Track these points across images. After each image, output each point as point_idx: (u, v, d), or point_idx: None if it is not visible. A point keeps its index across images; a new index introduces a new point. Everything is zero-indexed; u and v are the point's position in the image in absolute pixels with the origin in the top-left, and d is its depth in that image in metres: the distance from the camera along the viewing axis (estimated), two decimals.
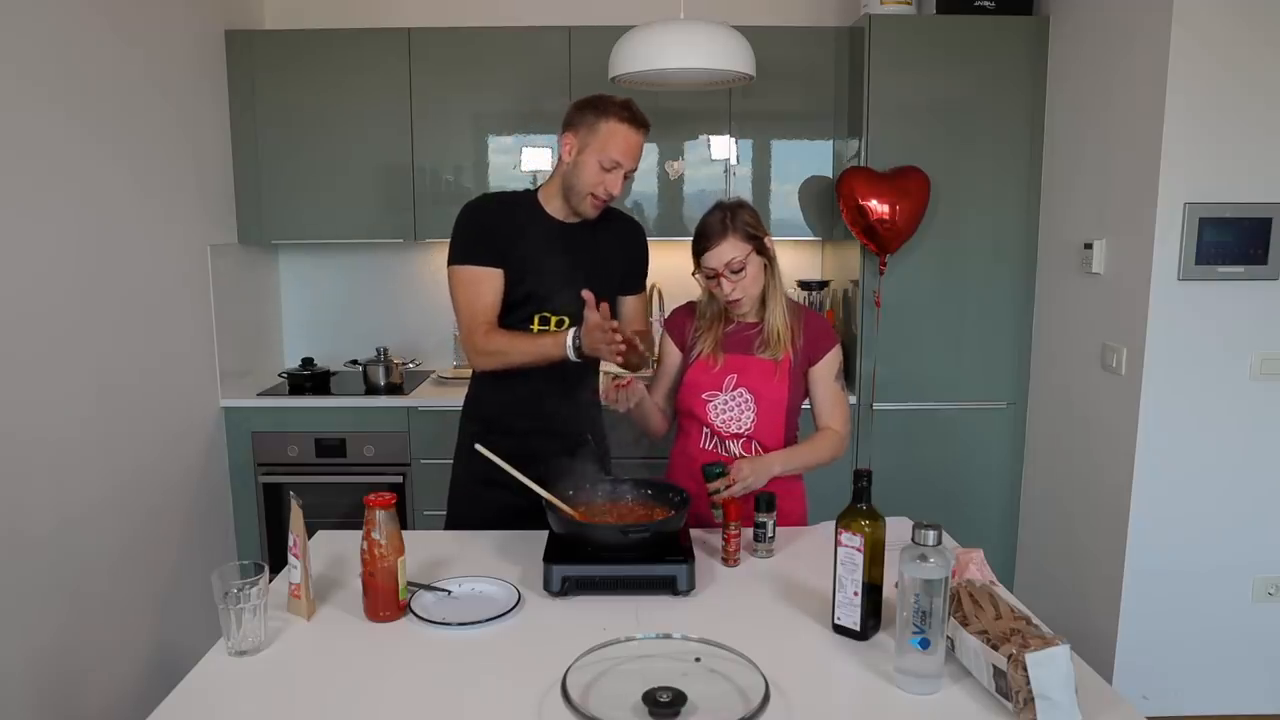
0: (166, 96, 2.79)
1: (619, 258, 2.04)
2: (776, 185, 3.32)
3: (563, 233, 1.97)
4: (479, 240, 1.94)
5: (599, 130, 1.85)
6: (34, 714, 2.13)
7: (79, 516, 2.31)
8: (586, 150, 1.87)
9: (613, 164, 1.86)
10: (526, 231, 1.95)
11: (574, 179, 1.90)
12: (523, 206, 1.99)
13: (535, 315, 1.95)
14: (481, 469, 1.93)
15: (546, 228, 1.96)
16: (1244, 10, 2.38)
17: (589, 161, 1.86)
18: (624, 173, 1.89)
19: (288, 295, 3.69)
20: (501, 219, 1.96)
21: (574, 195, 1.91)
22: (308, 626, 1.47)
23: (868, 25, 3.00)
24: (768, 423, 1.95)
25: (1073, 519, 2.92)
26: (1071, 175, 2.92)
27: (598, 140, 1.85)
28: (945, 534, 1.28)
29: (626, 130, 1.85)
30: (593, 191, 1.88)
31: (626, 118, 1.86)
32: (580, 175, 1.88)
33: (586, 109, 1.89)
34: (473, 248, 1.94)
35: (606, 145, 1.85)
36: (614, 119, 1.85)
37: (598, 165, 1.86)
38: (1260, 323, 2.53)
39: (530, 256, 1.93)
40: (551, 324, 1.96)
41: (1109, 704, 1.23)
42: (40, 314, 2.19)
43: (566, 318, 1.96)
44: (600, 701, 1.16)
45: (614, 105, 1.87)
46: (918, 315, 3.15)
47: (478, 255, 1.93)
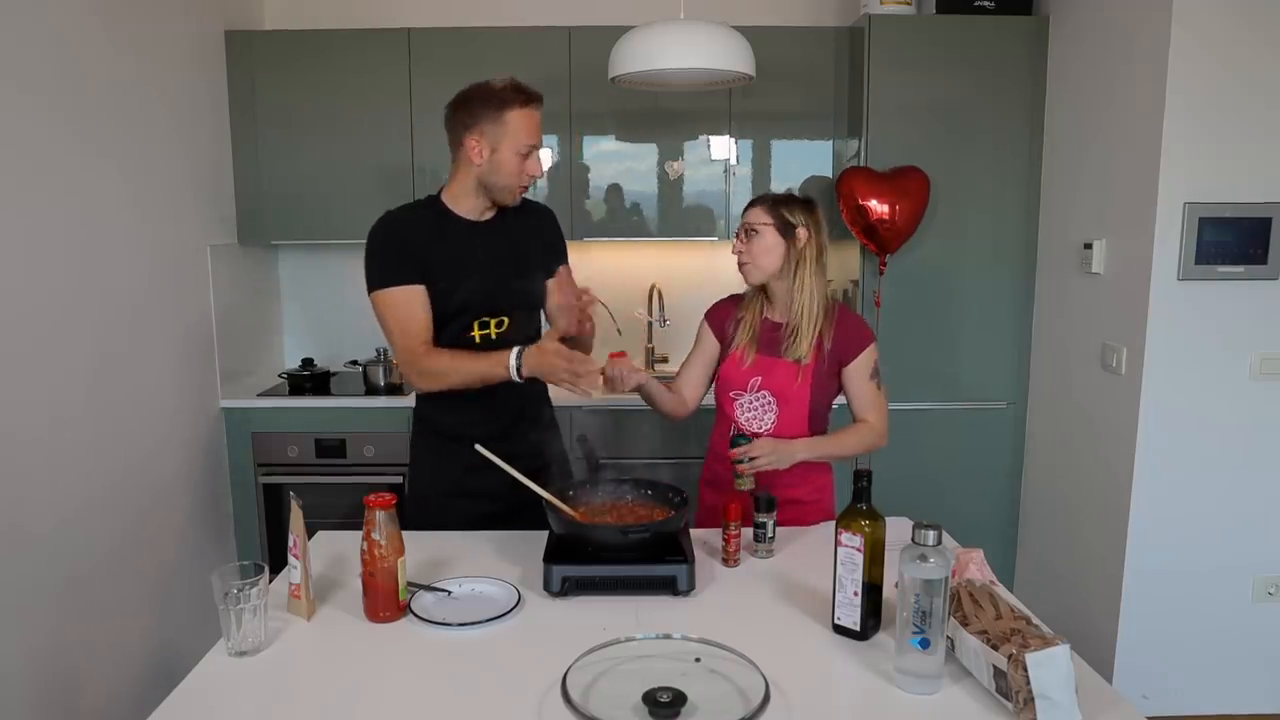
0: (166, 97, 2.79)
1: (537, 243, 2.01)
2: (776, 185, 3.31)
3: (478, 231, 1.93)
4: (396, 259, 1.87)
5: (506, 121, 1.82)
6: (34, 714, 2.13)
7: (78, 516, 2.31)
8: (500, 146, 1.83)
9: (528, 149, 1.84)
10: (441, 238, 1.90)
11: (494, 176, 1.86)
12: (431, 214, 1.93)
13: (474, 322, 1.91)
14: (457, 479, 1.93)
15: (461, 230, 1.92)
16: (1244, 10, 2.38)
17: (506, 155, 1.84)
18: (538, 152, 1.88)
19: (288, 295, 3.69)
20: (413, 231, 1.90)
21: (496, 190, 1.88)
22: (308, 627, 1.47)
23: (868, 25, 3.00)
24: (789, 423, 1.98)
25: (1073, 519, 2.92)
26: (1071, 175, 2.92)
27: (508, 132, 1.83)
28: (945, 534, 1.28)
29: (530, 112, 1.84)
30: (519, 182, 1.87)
31: (524, 100, 1.83)
32: (501, 171, 1.85)
33: (485, 104, 1.84)
34: (392, 268, 1.87)
35: (518, 134, 1.83)
36: (515, 106, 1.82)
37: (516, 156, 1.84)
38: (1260, 323, 2.53)
39: (452, 262, 1.89)
40: (491, 327, 1.92)
41: (1109, 704, 1.23)
42: (39, 314, 2.19)
43: (505, 318, 1.93)
44: (600, 701, 1.16)
45: (508, 93, 1.83)
46: (918, 315, 3.16)
47: (399, 275, 1.86)
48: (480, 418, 1.91)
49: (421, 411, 2.06)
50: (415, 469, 2.08)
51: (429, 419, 2.04)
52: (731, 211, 3.32)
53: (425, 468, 2.04)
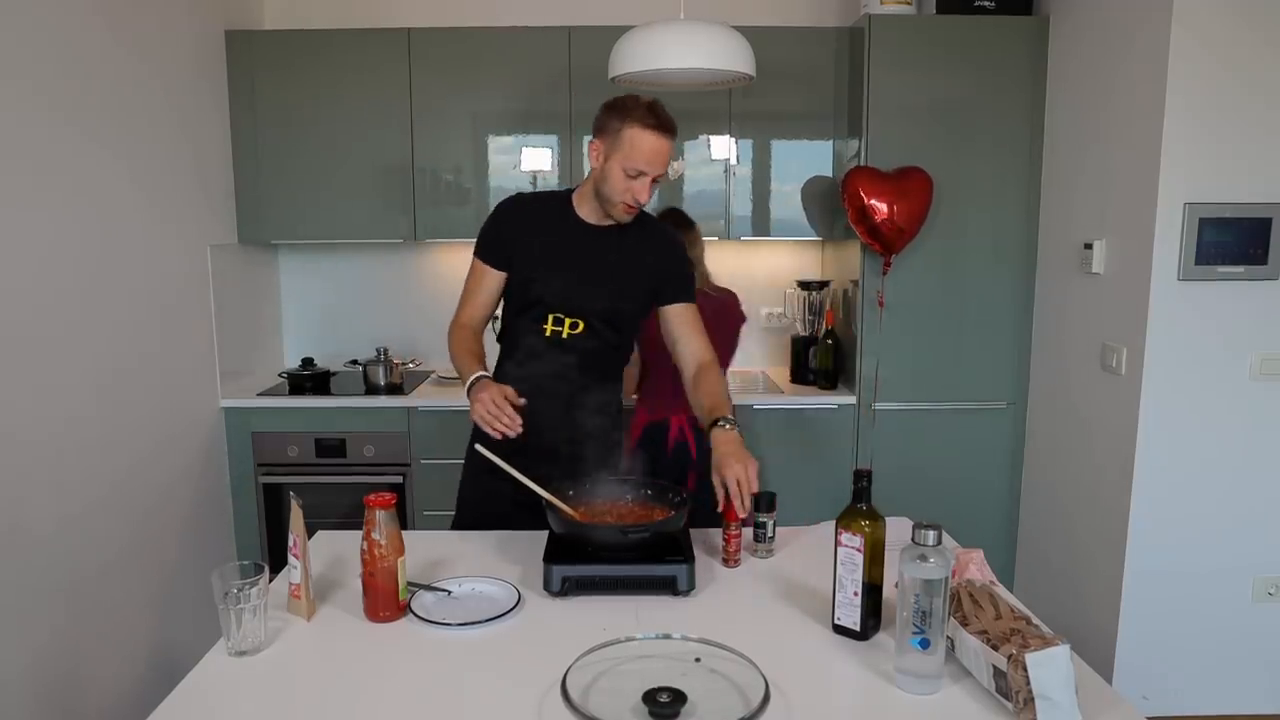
0: (166, 97, 2.79)
1: (646, 265, 1.97)
2: (777, 185, 3.32)
3: (588, 235, 1.94)
4: (491, 238, 1.96)
5: (622, 137, 1.80)
6: (34, 714, 2.13)
7: (79, 516, 2.31)
8: (612, 157, 1.82)
9: (637, 172, 1.81)
10: (550, 232, 1.93)
11: (602, 186, 1.86)
12: (554, 207, 1.97)
13: (549, 315, 1.93)
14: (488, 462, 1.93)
15: (572, 229, 1.94)
16: (1244, 10, 2.38)
17: (614, 169, 1.82)
18: (650, 179, 1.83)
19: (288, 295, 3.69)
20: (521, 219, 1.96)
21: (605, 202, 1.88)
22: (308, 626, 1.47)
23: (868, 25, 3.00)
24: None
25: (1073, 519, 2.92)
26: (1071, 175, 2.92)
27: (621, 148, 1.80)
28: (945, 534, 1.28)
29: (650, 137, 1.78)
30: (624, 201, 1.85)
31: (650, 124, 1.78)
32: (608, 183, 1.85)
33: (612, 113, 1.83)
34: (485, 244, 1.97)
35: (630, 154, 1.80)
36: (636, 125, 1.78)
37: (622, 173, 1.82)
38: (1260, 323, 2.53)
39: (547, 257, 1.92)
40: (565, 326, 1.93)
41: (1109, 704, 1.23)
42: (40, 314, 2.19)
43: (580, 321, 1.93)
44: (600, 701, 1.16)
45: (637, 110, 1.80)
46: (918, 315, 3.16)
47: (485, 252, 1.97)
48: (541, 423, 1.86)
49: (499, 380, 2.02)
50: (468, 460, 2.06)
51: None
52: (732, 211, 3.32)
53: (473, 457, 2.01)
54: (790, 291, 3.59)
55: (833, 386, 3.29)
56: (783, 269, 3.68)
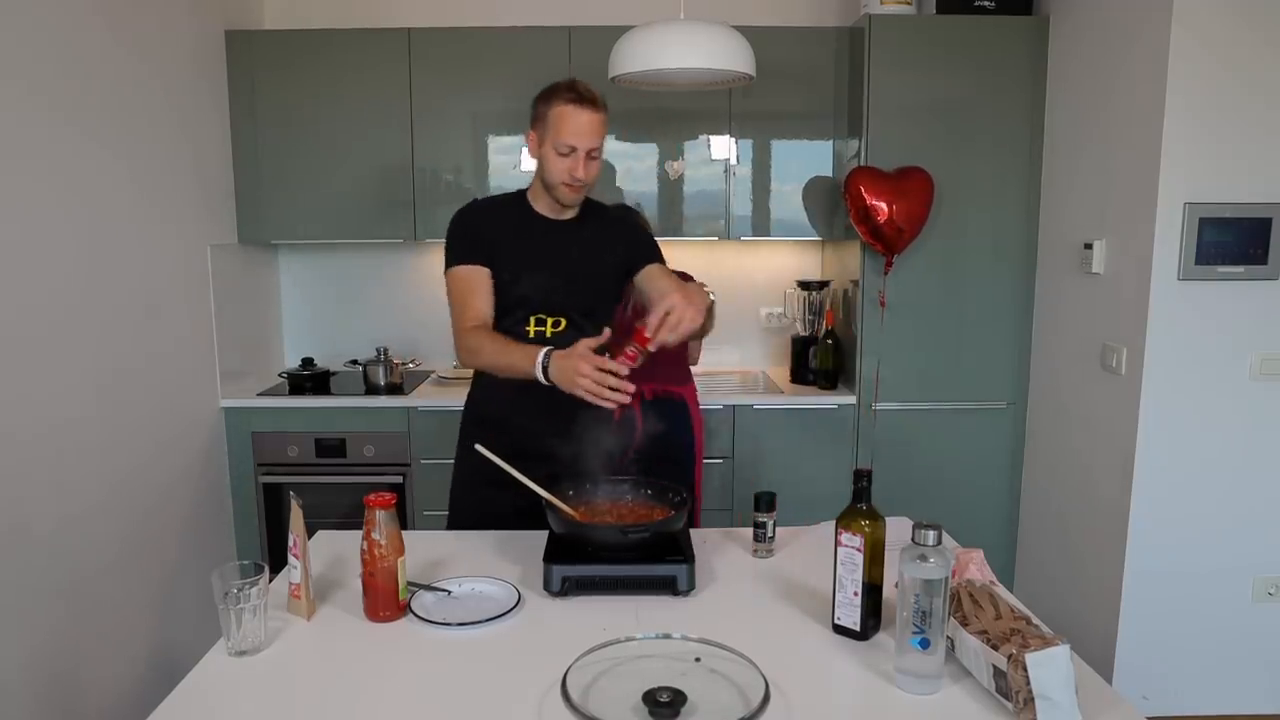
0: (166, 96, 2.79)
1: (614, 246, 2.00)
2: (777, 185, 3.32)
3: (551, 229, 1.95)
4: (465, 241, 1.94)
5: (549, 118, 1.84)
6: (34, 714, 2.13)
7: (79, 516, 2.31)
8: (545, 141, 1.85)
9: (568, 148, 1.83)
10: (514, 231, 1.94)
11: (544, 173, 1.89)
12: (511, 207, 1.98)
13: (530, 317, 1.92)
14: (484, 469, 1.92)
15: (534, 226, 1.95)
16: (1244, 10, 2.38)
17: (548, 152, 1.85)
18: (584, 154, 1.84)
19: (288, 295, 3.69)
20: (489, 220, 1.96)
21: (550, 188, 1.90)
22: (308, 626, 1.47)
23: (868, 25, 3.00)
24: None
25: (1072, 518, 2.92)
26: (1071, 175, 2.92)
27: (550, 128, 1.84)
28: (945, 534, 1.28)
29: (573, 110, 1.81)
30: (562, 181, 1.86)
31: (571, 98, 1.82)
32: (546, 167, 1.87)
33: (538, 101, 1.88)
34: (460, 249, 1.94)
35: (559, 131, 1.83)
36: (560, 103, 1.82)
37: (555, 153, 1.84)
38: (1260, 323, 2.53)
39: (519, 255, 1.92)
40: (548, 325, 1.93)
41: (1109, 704, 1.23)
42: (40, 314, 2.19)
43: (563, 318, 1.93)
44: (600, 701, 1.16)
45: (559, 88, 1.84)
46: (918, 315, 3.16)
47: (465, 255, 1.93)
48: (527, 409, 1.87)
49: (474, 397, 2.06)
50: (458, 455, 2.07)
51: (479, 399, 2.05)
52: (732, 211, 3.32)
53: (465, 454, 2.02)
54: (790, 291, 3.59)
55: (833, 386, 3.30)
56: (783, 269, 3.68)
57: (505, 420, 1.92)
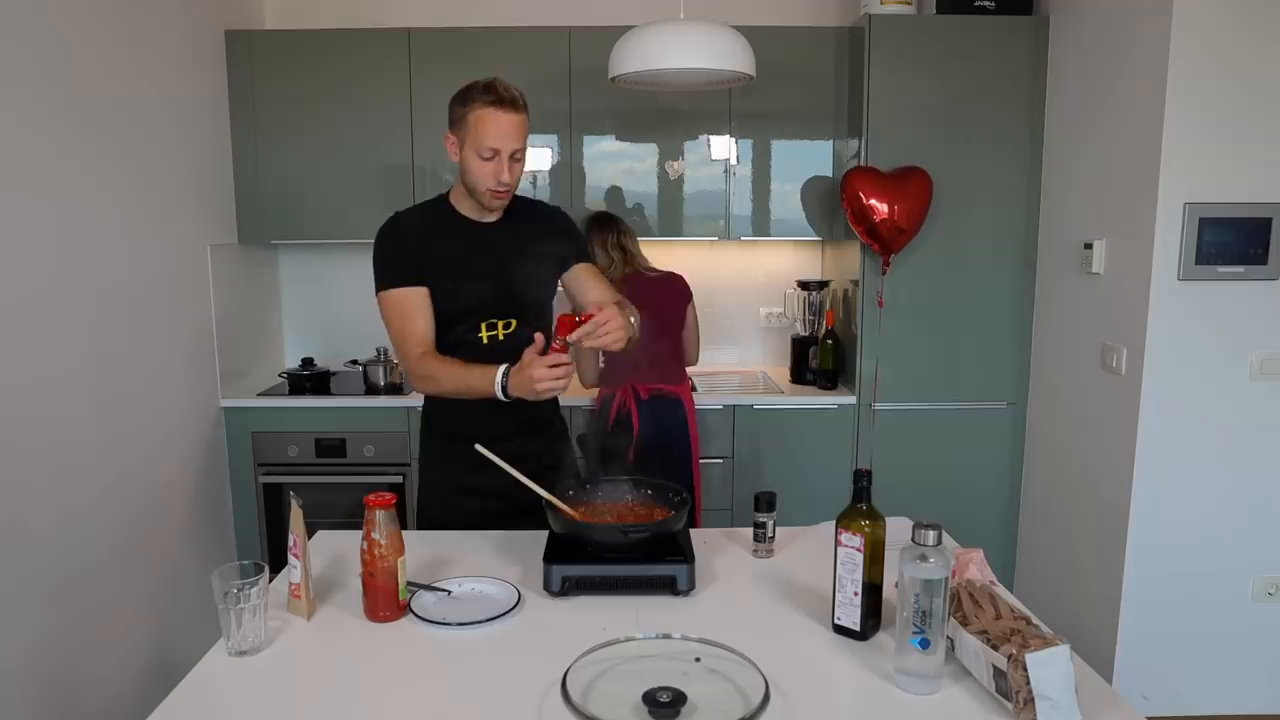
0: (166, 97, 2.79)
1: (548, 247, 1.97)
2: (777, 185, 3.32)
3: (481, 232, 1.91)
4: (397, 260, 1.87)
5: (468, 122, 1.78)
6: (33, 713, 2.13)
7: (79, 516, 2.31)
8: (465, 145, 1.80)
9: (490, 152, 1.78)
10: (446, 239, 1.88)
11: (466, 179, 1.84)
12: (437, 215, 1.92)
13: (481, 323, 1.89)
14: (460, 478, 1.92)
15: (464, 231, 1.90)
16: (1244, 10, 2.38)
17: (470, 156, 1.80)
18: (508, 156, 1.80)
19: (288, 295, 3.69)
20: (417, 233, 1.90)
21: (474, 193, 1.86)
22: (308, 626, 1.47)
23: (868, 25, 3.00)
24: None
25: (1073, 519, 2.92)
26: (1071, 175, 2.92)
27: (470, 132, 1.79)
28: (945, 534, 1.28)
29: (493, 113, 1.76)
30: (487, 186, 1.82)
31: (491, 100, 1.76)
32: (468, 173, 1.82)
33: (455, 103, 1.82)
34: (393, 269, 1.87)
35: (479, 135, 1.77)
36: (478, 105, 1.76)
37: (478, 158, 1.79)
38: (1260, 323, 2.53)
39: (457, 263, 1.87)
40: (499, 328, 1.90)
41: (1109, 704, 1.23)
42: (39, 314, 2.19)
43: (513, 319, 1.91)
44: (600, 701, 1.16)
45: (476, 90, 1.78)
46: (918, 315, 3.16)
47: (399, 276, 1.86)
48: (486, 418, 1.88)
49: (429, 410, 2.03)
50: (424, 466, 2.06)
51: (437, 418, 2.02)
52: (732, 211, 3.32)
53: (433, 466, 2.02)
54: (790, 291, 3.59)
55: (833, 386, 3.30)
56: (783, 269, 3.68)
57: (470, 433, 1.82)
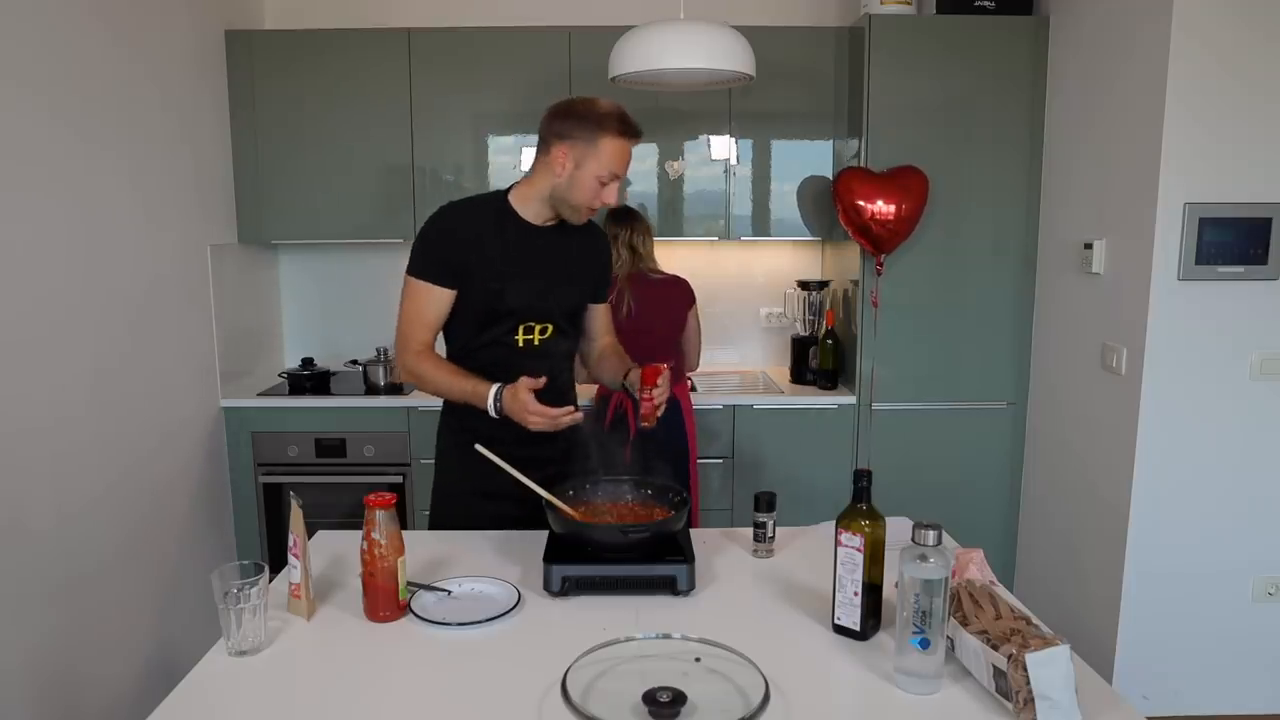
0: (166, 96, 2.79)
1: (590, 264, 2.00)
2: (776, 185, 3.32)
3: (538, 235, 1.90)
4: (435, 254, 1.86)
5: (598, 146, 1.78)
6: (33, 712, 2.13)
7: (79, 516, 2.31)
8: (584, 165, 1.79)
9: (612, 177, 1.81)
10: (497, 239, 1.87)
11: (570, 193, 1.83)
12: (492, 212, 1.90)
13: (519, 325, 1.89)
14: (477, 480, 1.91)
15: (521, 231, 1.89)
16: (1244, 10, 2.38)
17: (587, 177, 1.80)
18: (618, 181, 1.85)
19: (288, 295, 3.69)
20: (467, 228, 1.88)
21: (567, 207, 1.85)
22: (308, 626, 1.47)
23: (868, 25, 3.00)
24: None
25: (1073, 519, 2.92)
26: (1071, 175, 2.92)
27: (597, 156, 1.78)
28: (945, 534, 1.28)
29: (625, 144, 1.80)
30: (589, 204, 1.84)
31: (626, 131, 1.78)
32: (577, 190, 1.82)
33: (583, 121, 1.79)
34: (427, 261, 1.87)
35: (609, 161, 1.79)
36: (613, 134, 1.77)
37: (596, 181, 1.80)
38: (1260, 323, 2.53)
39: (506, 262, 1.87)
40: (535, 332, 1.90)
41: (1109, 704, 1.23)
42: (39, 314, 2.19)
43: (549, 324, 1.91)
44: (600, 701, 1.16)
45: (612, 119, 1.78)
46: (917, 315, 3.16)
47: (430, 270, 1.86)
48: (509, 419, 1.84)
49: (449, 410, 2.01)
50: (442, 467, 2.05)
51: (458, 417, 1.98)
52: (732, 211, 3.32)
53: (452, 466, 2.01)
54: (790, 291, 3.60)
55: (833, 386, 3.30)
56: (783, 269, 3.68)
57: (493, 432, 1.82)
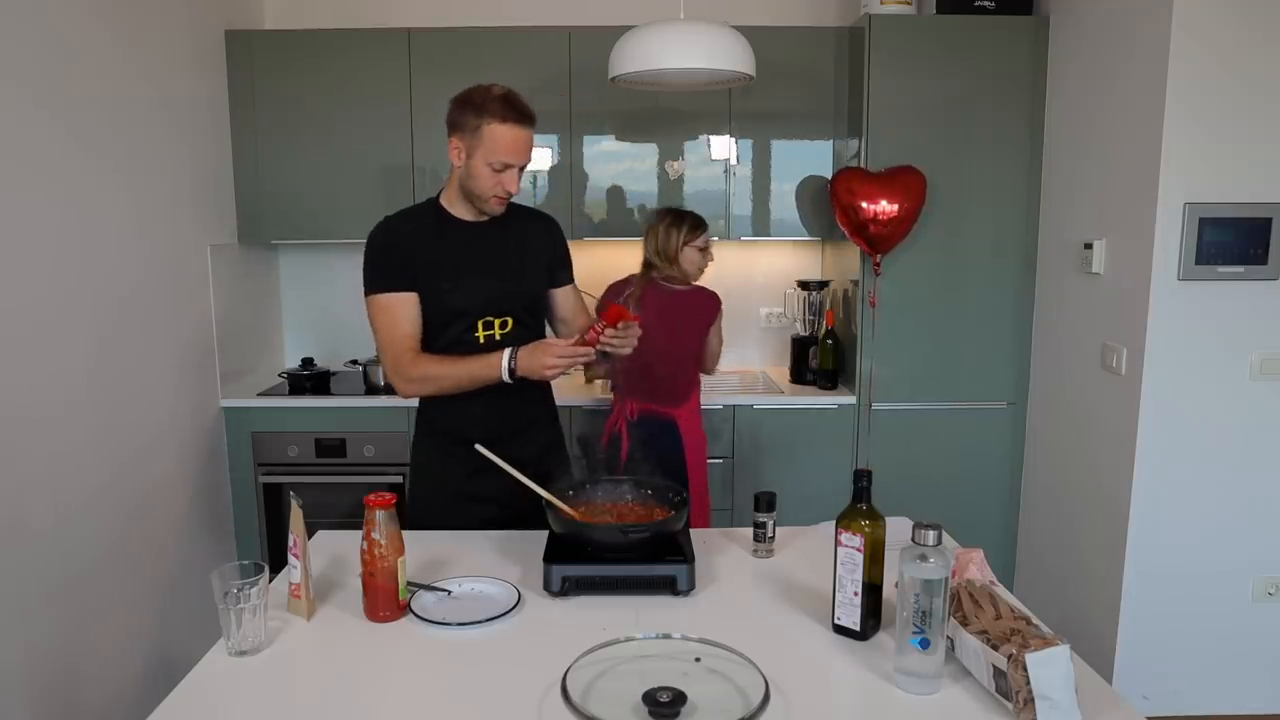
0: (166, 96, 2.79)
1: (540, 251, 1.99)
2: (776, 185, 3.32)
3: (475, 233, 1.91)
4: (388, 265, 1.88)
5: (481, 134, 1.78)
6: (33, 712, 2.13)
7: (78, 515, 2.31)
8: (474, 154, 1.80)
9: (503, 165, 1.80)
10: (437, 241, 1.89)
11: (469, 184, 1.84)
12: (428, 217, 1.92)
13: (477, 322, 1.90)
14: (460, 484, 1.92)
15: (457, 232, 1.91)
16: (1244, 10, 2.38)
17: (479, 166, 1.80)
18: (518, 169, 1.83)
19: (288, 295, 3.69)
20: (409, 236, 1.90)
21: (475, 199, 1.86)
22: (308, 626, 1.47)
23: (868, 25, 3.00)
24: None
25: (1073, 519, 2.92)
26: (1071, 175, 2.92)
27: (482, 144, 1.78)
28: (945, 534, 1.28)
29: (508, 130, 1.77)
30: (493, 194, 1.84)
31: (510, 117, 1.77)
32: (474, 180, 1.83)
33: (466, 109, 1.80)
34: (382, 274, 1.88)
35: (493, 149, 1.78)
36: (494, 120, 1.76)
37: (488, 169, 1.80)
38: (1260, 323, 2.53)
39: (452, 263, 1.88)
40: (495, 328, 1.91)
41: (1109, 704, 1.23)
42: (39, 314, 2.19)
43: (509, 318, 1.92)
44: (600, 701, 1.16)
45: (492, 103, 1.77)
46: (918, 315, 3.16)
47: (389, 281, 1.87)
48: (483, 420, 1.89)
49: (425, 413, 2.03)
50: (417, 472, 2.05)
51: (433, 421, 2.01)
52: (732, 211, 3.32)
53: (428, 471, 2.02)
54: (790, 291, 3.59)
55: (833, 386, 3.30)
56: (783, 269, 3.68)
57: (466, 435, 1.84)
